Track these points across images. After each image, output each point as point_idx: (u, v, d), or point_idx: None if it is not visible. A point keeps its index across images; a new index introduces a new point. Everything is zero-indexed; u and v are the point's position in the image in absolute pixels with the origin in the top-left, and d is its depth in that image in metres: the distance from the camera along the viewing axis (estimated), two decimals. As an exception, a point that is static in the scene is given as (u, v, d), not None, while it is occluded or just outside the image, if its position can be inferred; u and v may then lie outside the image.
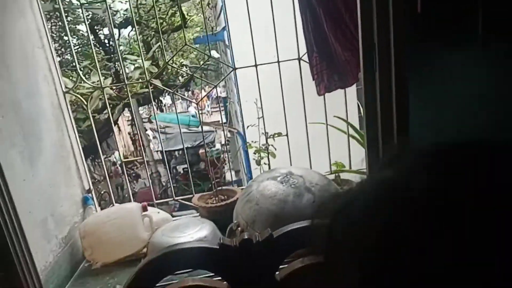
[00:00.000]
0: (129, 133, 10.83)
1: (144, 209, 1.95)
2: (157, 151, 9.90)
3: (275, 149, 2.07)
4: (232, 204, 1.97)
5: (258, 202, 1.75)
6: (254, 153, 2.06)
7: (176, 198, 2.27)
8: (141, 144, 7.76)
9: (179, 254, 1.37)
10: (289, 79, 2.28)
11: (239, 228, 1.78)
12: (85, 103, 2.10)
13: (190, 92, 10.90)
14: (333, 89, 2.04)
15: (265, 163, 2.08)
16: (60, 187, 1.84)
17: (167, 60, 4.72)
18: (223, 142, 10.59)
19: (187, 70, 9.13)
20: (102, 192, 8.54)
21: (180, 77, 9.27)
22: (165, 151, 9.28)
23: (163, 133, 8.63)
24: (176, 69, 8.62)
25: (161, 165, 8.58)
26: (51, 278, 1.64)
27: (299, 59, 2.13)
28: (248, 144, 2.15)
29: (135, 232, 1.88)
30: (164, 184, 8.19)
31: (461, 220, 0.31)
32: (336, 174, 2.19)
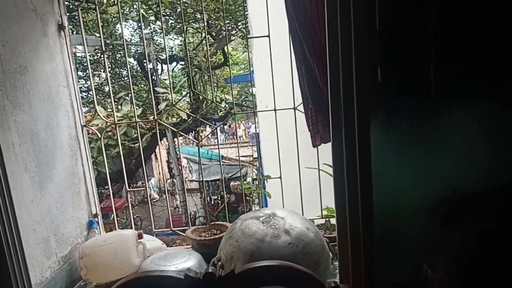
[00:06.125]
0: (166, 161, 11.26)
1: (140, 236, 2.11)
2: (190, 181, 10.22)
3: (266, 192, 2.18)
4: (221, 238, 2.09)
5: (238, 239, 1.85)
6: (247, 192, 2.17)
7: (174, 228, 2.42)
8: (182, 179, 8.04)
9: (148, 280, 1.51)
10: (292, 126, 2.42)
11: (220, 263, 1.89)
12: (99, 136, 2.34)
13: (227, 126, 11.26)
14: (328, 140, 2.14)
15: (256, 203, 2.19)
16: (66, 210, 2.05)
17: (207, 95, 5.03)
18: (254, 177, 10.78)
19: (226, 106, 9.49)
20: (135, 217, 8.88)
21: (218, 111, 9.63)
22: (199, 181, 9.56)
23: (197, 163, 8.96)
24: (215, 104, 8.97)
25: (188, 194, 8.81)
26: (46, 292, 1.82)
27: (295, 108, 2.26)
28: (244, 182, 2.28)
29: (128, 257, 2.04)
30: (192, 213, 8.39)
31: None
32: (327, 219, 2.25)
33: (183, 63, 9.23)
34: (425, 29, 1.30)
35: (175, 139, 8.03)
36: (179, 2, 6.41)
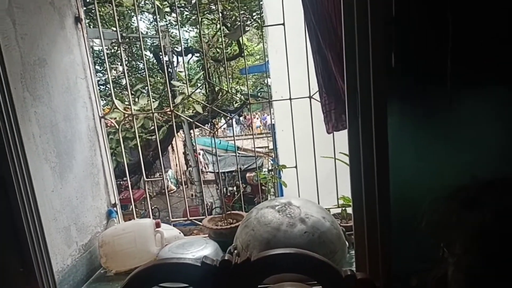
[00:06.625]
0: (183, 153, 11.36)
1: (157, 225, 2.15)
2: (206, 172, 10.30)
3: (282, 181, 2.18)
4: (237, 227, 2.11)
5: (254, 228, 1.87)
6: (262, 182, 2.18)
7: (190, 218, 2.45)
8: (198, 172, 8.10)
9: (166, 267, 1.53)
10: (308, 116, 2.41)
11: (236, 251, 1.90)
12: (117, 127, 2.37)
13: (243, 117, 11.29)
14: (340, 129, 2.13)
15: (272, 194, 2.20)
16: (86, 200, 2.10)
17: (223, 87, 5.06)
18: (269, 167, 10.81)
19: (240, 97, 9.46)
20: (152, 208, 9.05)
21: (234, 103, 9.62)
22: (216, 172, 9.63)
23: (212, 154, 9.02)
24: (231, 95, 8.96)
25: (205, 186, 8.87)
26: (67, 279, 1.87)
27: (310, 97, 2.25)
28: (258, 172, 2.28)
29: (146, 245, 2.08)
30: (209, 204, 8.46)
31: None
32: (343, 208, 2.24)
33: (198, 55, 9.25)
34: (443, 17, 1.27)
35: (191, 131, 8.08)
36: (193, -6, 6.42)
